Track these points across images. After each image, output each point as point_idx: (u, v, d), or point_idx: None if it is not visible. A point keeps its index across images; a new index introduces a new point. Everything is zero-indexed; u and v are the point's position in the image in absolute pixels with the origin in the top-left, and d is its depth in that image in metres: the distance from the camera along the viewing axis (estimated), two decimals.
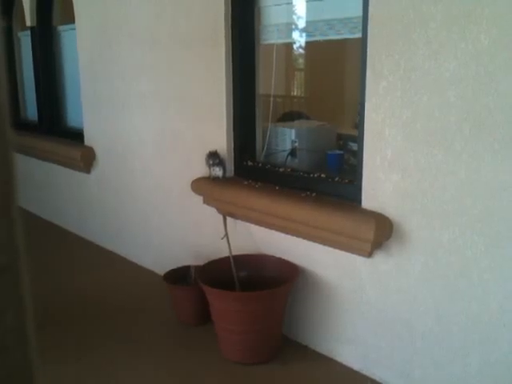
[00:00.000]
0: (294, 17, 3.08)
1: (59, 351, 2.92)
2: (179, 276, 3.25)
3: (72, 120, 5.08)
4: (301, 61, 5.08)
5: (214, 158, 3.12)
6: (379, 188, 2.43)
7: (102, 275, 3.98)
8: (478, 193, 2.10)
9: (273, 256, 2.97)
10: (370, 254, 2.46)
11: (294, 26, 3.11)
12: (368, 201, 2.49)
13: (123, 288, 3.75)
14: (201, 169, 3.20)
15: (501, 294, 2.10)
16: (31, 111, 5.73)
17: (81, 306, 3.47)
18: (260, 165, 3.18)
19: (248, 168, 3.20)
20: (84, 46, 4.36)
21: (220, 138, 3.20)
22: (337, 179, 2.77)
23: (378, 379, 2.59)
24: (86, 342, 3.02)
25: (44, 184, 5.29)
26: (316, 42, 3.25)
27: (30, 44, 5.29)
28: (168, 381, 2.68)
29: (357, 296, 2.62)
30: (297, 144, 3.41)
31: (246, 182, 3.08)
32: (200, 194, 3.26)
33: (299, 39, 3.44)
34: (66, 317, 3.32)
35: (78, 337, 3.08)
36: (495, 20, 1.98)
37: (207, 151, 3.13)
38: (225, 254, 2.99)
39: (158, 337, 3.09)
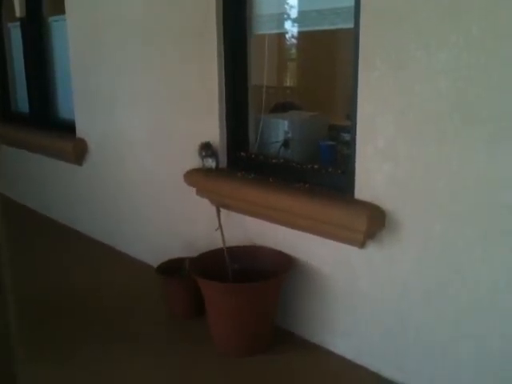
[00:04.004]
0: (286, 7, 3.06)
1: (52, 346, 2.92)
2: (173, 268, 3.25)
3: (64, 112, 5.04)
4: (293, 51, 5.06)
5: (206, 149, 3.11)
6: (372, 178, 2.43)
7: (95, 268, 3.97)
8: (470, 183, 2.11)
9: (266, 247, 2.97)
10: (362, 245, 2.47)
11: (285, 16, 3.09)
12: (361, 191, 2.49)
13: (116, 280, 3.74)
14: (193, 160, 3.19)
15: (492, 285, 2.12)
16: (22, 103, 5.68)
17: (73, 299, 3.46)
18: (253, 156, 3.17)
19: (241, 159, 3.19)
20: (75, 38, 4.33)
21: (212, 130, 3.19)
22: (330, 170, 2.76)
23: (372, 369, 2.60)
24: (80, 337, 3.01)
25: (36, 177, 5.26)
26: (308, 32, 3.24)
27: (20, 35, 5.24)
28: (162, 374, 2.67)
29: (350, 287, 2.63)
30: (289, 135, 3.41)
31: (239, 174, 3.07)
32: (193, 186, 3.25)
33: (291, 29, 3.43)
34: (60, 311, 3.31)
35: (72, 331, 3.07)
36: (486, 10, 1.98)
37: (200, 143, 3.12)
38: (218, 245, 2.99)
39: (152, 330, 3.09)
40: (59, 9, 4.51)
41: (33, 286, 3.64)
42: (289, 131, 3.42)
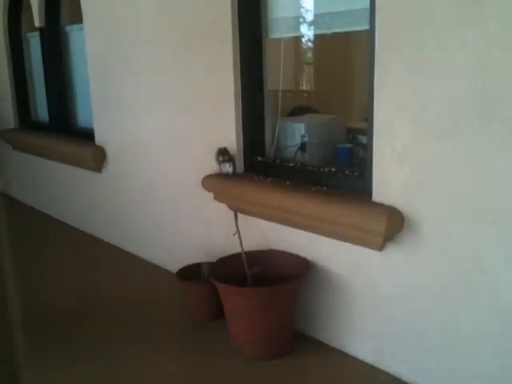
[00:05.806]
0: (302, 10, 3.06)
1: (73, 351, 2.95)
2: (192, 273, 3.27)
3: (82, 120, 5.10)
4: (309, 55, 5.06)
5: (223, 154, 3.11)
6: (390, 181, 2.41)
7: (115, 273, 4.01)
8: (489, 183, 2.08)
9: (284, 251, 2.97)
10: (381, 248, 2.45)
11: (301, 20, 3.09)
12: (379, 194, 2.47)
13: (135, 285, 3.77)
14: (211, 165, 3.20)
15: None
16: (42, 112, 5.76)
17: (93, 305, 3.49)
18: (270, 160, 3.18)
19: (258, 164, 3.19)
20: (92, 45, 4.38)
21: (229, 135, 3.20)
22: (347, 173, 2.75)
23: (392, 373, 2.58)
24: (99, 341, 3.04)
25: (56, 184, 5.32)
26: (324, 35, 3.24)
27: (39, 45, 5.32)
28: (182, 377, 2.69)
29: (369, 289, 2.61)
30: (306, 138, 3.40)
31: (256, 178, 3.07)
32: (211, 191, 3.26)
33: (307, 33, 3.43)
34: (79, 317, 3.34)
35: (91, 336, 3.09)
36: (502, 9, 1.95)
37: (217, 148, 3.13)
38: (236, 250, 2.99)
39: (172, 334, 3.11)
40: (77, 18, 4.57)
41: (50, 290, 3.69)
42: (305, 135, 3.42)
